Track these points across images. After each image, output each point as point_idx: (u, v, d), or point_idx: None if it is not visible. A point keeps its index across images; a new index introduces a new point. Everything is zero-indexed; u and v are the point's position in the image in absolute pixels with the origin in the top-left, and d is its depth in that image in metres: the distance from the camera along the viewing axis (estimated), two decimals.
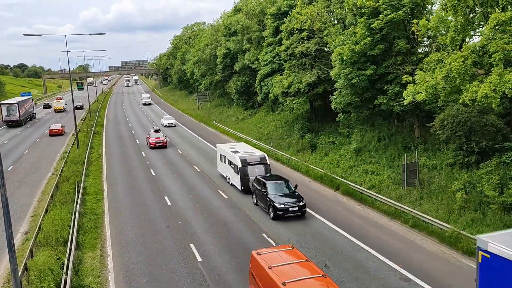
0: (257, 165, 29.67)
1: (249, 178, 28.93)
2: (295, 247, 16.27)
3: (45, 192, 31.76)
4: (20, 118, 66.77)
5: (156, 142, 46.80)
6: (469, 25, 21.56)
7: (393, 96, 28.85)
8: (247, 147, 34.59)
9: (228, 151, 32.20)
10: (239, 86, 63.56)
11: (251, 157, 30.26)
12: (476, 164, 24.59)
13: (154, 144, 46.60)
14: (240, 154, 30.55)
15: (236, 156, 30.14)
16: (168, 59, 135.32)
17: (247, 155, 30.56)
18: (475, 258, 14.48)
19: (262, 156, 30.54)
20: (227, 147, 33.62)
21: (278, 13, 48.36)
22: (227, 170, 32.49)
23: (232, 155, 30.82)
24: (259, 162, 29.90)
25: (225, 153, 32.56)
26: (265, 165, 29.83)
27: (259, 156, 30.51)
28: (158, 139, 47.22)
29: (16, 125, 66.64)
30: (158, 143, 46.77)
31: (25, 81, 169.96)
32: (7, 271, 19.08)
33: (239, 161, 29.65)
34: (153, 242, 22.25)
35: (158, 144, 46.67)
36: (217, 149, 35.05)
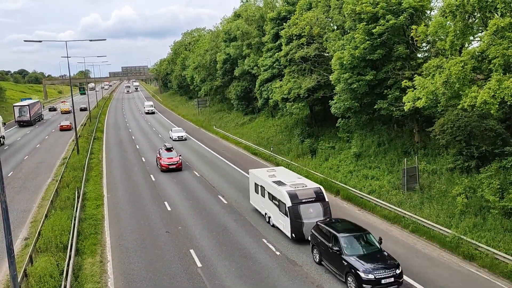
0: (312, 203, 22.15)
1: (303, 222, 21.63)
2: None
3: (45, 197, 31.73)
4: (30, 118, 74.03)
5: (169, 163, 38.92)
6: (468, 30, 21.64)
7: (393, 101, 28.89)
8: (291, 174, 26.76)
9: (267, 180, 24.78)
10: (239, 91, 63.69)
11: (303, 191, 22.53)
12: (476, 168, 24.58)
13: (167, 166, 38.77)
14: (287, 187, 22.92)
15: (282, 190, 22.57)
16: (168, 64, 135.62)
17: (296, 188, 22.76)
18: None
19: (317, 190, 22.77)
20: (265, 175, 26.14)
21: (277, 18, 48.54)
22: (267, 206, 24.90)
23: (275, 187, 23.47)
24: (314, 199, 22.26)
25: (263, 182, 25.10)
26: (323, 202, 22.30)
27: (313, 190, 22.72)
28: (172, 159, 39.30)
29: (26, 125, 73.79)
30: (171, 164, 38.89)
31: (25, 87, 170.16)
32: (7, 277, 19.02)
33: (287, 197, 22.04)
34: (153, 247, 22.19)
35: (172, 166, 38.87)
36: (250, 175, 27.65)
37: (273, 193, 23.68)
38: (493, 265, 18.66)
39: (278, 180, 24.36)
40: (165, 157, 39.40)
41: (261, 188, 25.40)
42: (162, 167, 38.76)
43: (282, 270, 19.27)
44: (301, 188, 22.75)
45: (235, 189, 32.39)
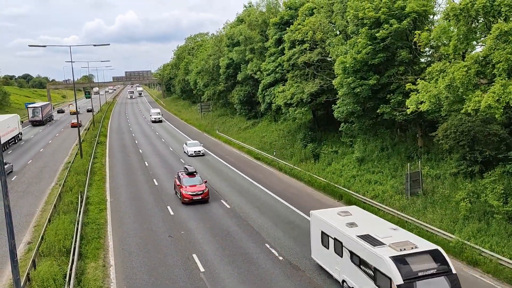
0: (434, 277, 14.34)
1: None
2: None
3: (48, 202, 31.80)
4: (42, 118, 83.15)
5: (193, 193, 29.42)
6: (472, 35, 21.64)
7: (396, 105, 28.87)
8: (378, 220, 19.19)
9: (345, 231, 17.06)
10: (241, 96, 63.79)
11: (416, 257, 14.71)
12: (479, 173, 24.49)
13: (190, 197, 29.25)
14: (388, 249, 15.05)
15: (382, 255, 14.70)
16: (171, 69, 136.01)
17: (403, 251, 14.84)
18: None
19: (437, 254, 15.18)
20: (337, 220, 18.36)
21: (280, 23, 48.68)
22: (346, 271, 17.08)
23: (363, 246, 15.67)
24: (436, 271, 14.50)
25: (338, 234, 17.38)
26: (449, 276, 14.53)
27: (430, 254, 15.05)
28: (196, 188, 29.77)
29: (39, 124, 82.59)
30: (196, 195, 29.40)
31: (29, 91, 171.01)
32: (10, 281, 19.04)
33: (395, 269, 14.19)
34: (155, 252, 22.19)
35: (197, 197, 29.40)
36: (313, 219, 19.71)
37: (360, 254, 15.89)
38: (497, 271, 18.55)
39: (366, 233, 16.44)
40: (187, 184, 30.12)
41: (335, 242, 17.63)
42: (184, 198, 29.43)
43: (285, 276, 19.21)
44: (412, 252, 14.86)
45: (238, 194, 32.37)
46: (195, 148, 48.29)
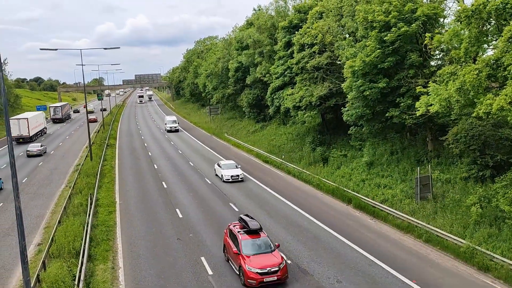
0: None
1: None
2: None
3: (58, 204, 32.05)
4: (62, 116, 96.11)
5: (263, 271, 18.36)
6: (483, 37, 21.45)
7: (406, 109, 28.69)
8: None
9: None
10: (250, 99, 63.87)
11: None
12: (491, 178, 24.21)
13: (259, 279, 18.28)
14: None
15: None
16: (181, 72, 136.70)
17: None
18: None
19: None
20: None
21: (289, 27, 48.73)
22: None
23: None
24: None
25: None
26: None
27: None
28: (265, 260, 18.86)
29: (59, 121, 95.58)
30: (269, 273, 18.39)
31: (41, 94, 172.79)
32: (20, 283, 19.19)
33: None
34: (164, 254, 22.23)
35: (270, 279, 18.39)
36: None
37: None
38: (509, 277, 18.29)
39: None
40: (250, 253, 19.17)
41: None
42: (248, 279, 18.34)
43: (293, 279, 19.10)
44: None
45: (246, 197, 32.36)
46: (233, 172, 36.96)
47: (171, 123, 73.74)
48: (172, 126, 73.08)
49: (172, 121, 74.66)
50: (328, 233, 24.59)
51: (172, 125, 73.36)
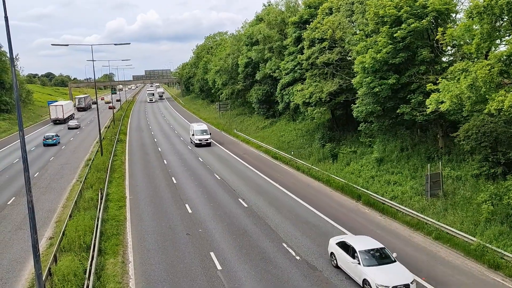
0: None
1: None
2: None
3: (69, 198, 32.40)
4: (85, 106, 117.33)
5: None
6: (495, 33, 21.18)
7: (416, 105, 28.47)
8: None
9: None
10: (260, 95, 63.81)
11: None
12: (502, 175, 23.97)
13: None
14: None
15: None
16: (190, 68, 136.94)
17: None
18: None
19: None
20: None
21: (299, 22, 48.51)
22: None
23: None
24: None
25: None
26: None
27: None
28: None
29: (82, 110, 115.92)
30: None
31: (52, 89, 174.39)
32: (32, 275, 19.47)
33: None
34: (173, 249, 22.39)
35: None
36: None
37: None
38: None
39: None
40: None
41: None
42: None
43: (302, 275, 19.16)
44: None
45: (255, 193, 32.41)
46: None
47: (201, 134, 52.99)
48: (202, 138, 52.40)
49: (202, 131, 53.81)
50: (337, 229, 24.54)
51: (202, 136, 52.68)
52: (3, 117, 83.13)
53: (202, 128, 54.66)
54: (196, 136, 53.21)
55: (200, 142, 52.58)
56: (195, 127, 55.61)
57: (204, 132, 53.77)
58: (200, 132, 53.64)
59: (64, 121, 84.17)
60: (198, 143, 52.74)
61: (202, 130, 54.08)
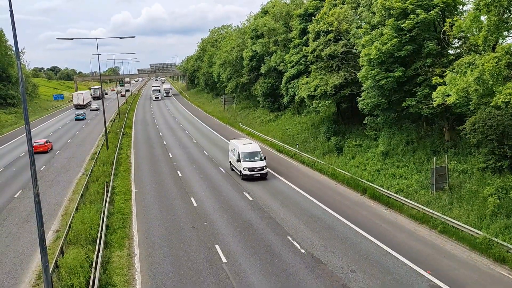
0: None
1: None
2: None
3: (75, 191, 32.59)
4: (99, 95, 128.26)
5: None
6: (503, 25, 20.94)
7: (422, 98, 28.27)
8: None
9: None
10: (265, 88, 63.63)
11: None
12: (509, 169, 23.82)
13: None
14: None
15: None
16: (195, 61, 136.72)
17: None
18: None
19: None
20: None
21: (305, 15, 48.24)
22: None
23: None
24: None
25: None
26: None
27: None
28: None
29: (97, 98, 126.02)
30: None
31: (58, 83, 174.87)
32: (39, 268, 19.64)
33: None
34: (179, 242, 22.49)
35: None
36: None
37: None
38: None
39: None
40: None
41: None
42: None
43: (307, 268, 19.21)
44: None
45: (260, 186, 32.43)
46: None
47: (251, 159, 35.05)
48: (254, 166, 34.33)
49: (253, 154, 35.45)
50: (342, 223, 24.55)
51: (253, 164, 34.59)
52: (10, 110, 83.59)
53: (253, 150, 35.64)
54: (244, 163, 34.34)
55: (251, 174, 33.86)
56: (240, 147, 35.63)
57: (256, 156, 35.18)
58: (250, 155, 35.03)
59: (84, 106, 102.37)
60: (248, 175, 33.83)
61: (253, 153, 35.26)
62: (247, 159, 34.82)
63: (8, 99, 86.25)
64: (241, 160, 34.77)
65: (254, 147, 36.49)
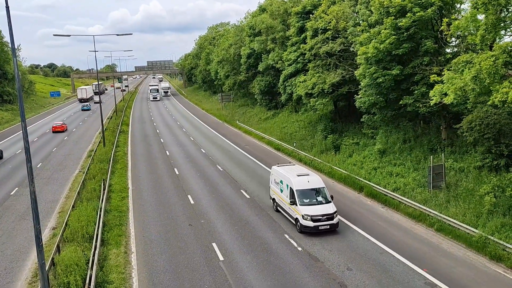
0: None
1: None
2: None
3: (72, 189, 32.50)
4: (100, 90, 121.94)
5: None
6: (500, 24, 20.96)
7: (420, 97, 28.31)
8: None
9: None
10: (262, 86, 63.60)
11: None
12: (505, 167, 23.90)
13: None
14: None
15: None
16: (192, 59, 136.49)
17: None
18: None
19: None
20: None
21: (303, 12, 48.23)
22: None
23: None
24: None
25: None
26: None
27: None
28: None
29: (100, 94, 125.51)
30: None
31: (54, 80, 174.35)
32: (35, 265, 19.58)
33: None
34: (176, 240, 22.47)
35: None
36: None
37: None
38: None
39: None
40: None
41: None
42: None
43: (303, 266, 19.23)
44: None
45: (257, 184, 32.44)
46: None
47: (309, 195, 23.71)
48: (319, 215, 22.64)
49: (314, 191, 24.02)
50: (340, 221, 24.52)
51: (318, 209, 22.93)
52: (6, 107, 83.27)
53: (315, 186, 24.21)
54: (303, 207, 23.01)
55: (315, 226, 22.50)
56: (293, 180, 24.18)
57: (320, 194, 23.96)
58: (310, 195, 23.78)
59: (87, 100, 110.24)
60: (311, 228, 22.54)
61: (315, 191, 24.09)
62: (306, 201, 23.01)
63: (4, 96, 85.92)
64: (297, 201, 22.87)
65: (314, 180, 24.18)
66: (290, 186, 24.05)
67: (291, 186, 23.85)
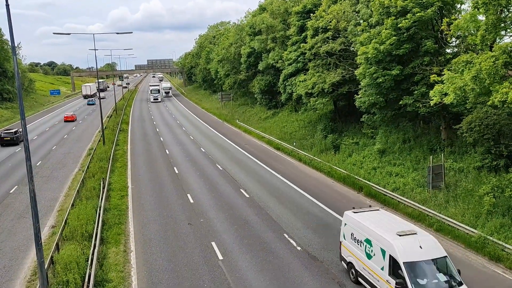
0: None
1: None
2: None
3: (71, 187, 32.50)
4: (103, 88, 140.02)
5: None
6: (501, 24, 20.96)
7: (419, 97, 28.31)
8: None
9: None
10: (262, 85, 63.59)
11: None
12: (505, 168, 23.90)
13: None
14: None
15: None
16: (192, 58, 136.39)
17: None
18: None
19: None
20: None
21: (303, 12, 48.24)
22: None
23: None
24: None
25: None
26: None
27: None
28: None
29: (101, 90, 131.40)
30: None
31: (54, 78, 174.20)
32: (34, 264, 19.59)
33: None
34: (175, 239, 22.48)
35: None
36: None
37: None
38: None
39: None
40: None
41: None
42: None
43: (302, 266, 19.24)
44: None
45: (257, 183, 32.44)
46: None
47: (429, 273, 15.07)
48: None
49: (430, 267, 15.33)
50: (338, 221, 24.48)
51: None
52: (6, 105, 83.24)
53: (431, 255, 15.69)
54: None
55: None
56: (396, 245, 15.44)
57: (442, 267, 15.69)
58: (430, 272, 15.26)
59: (91, 96, 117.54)
60: None
61: (434, 263, 15.62)
62: (422, 283, 14.70)
63: (4, 94, 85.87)
64: (408, 283, 14.54)
65: (429, 244, 16.04)
66: (388, 252, 15.51)
67: (392, 254, 15.33)
